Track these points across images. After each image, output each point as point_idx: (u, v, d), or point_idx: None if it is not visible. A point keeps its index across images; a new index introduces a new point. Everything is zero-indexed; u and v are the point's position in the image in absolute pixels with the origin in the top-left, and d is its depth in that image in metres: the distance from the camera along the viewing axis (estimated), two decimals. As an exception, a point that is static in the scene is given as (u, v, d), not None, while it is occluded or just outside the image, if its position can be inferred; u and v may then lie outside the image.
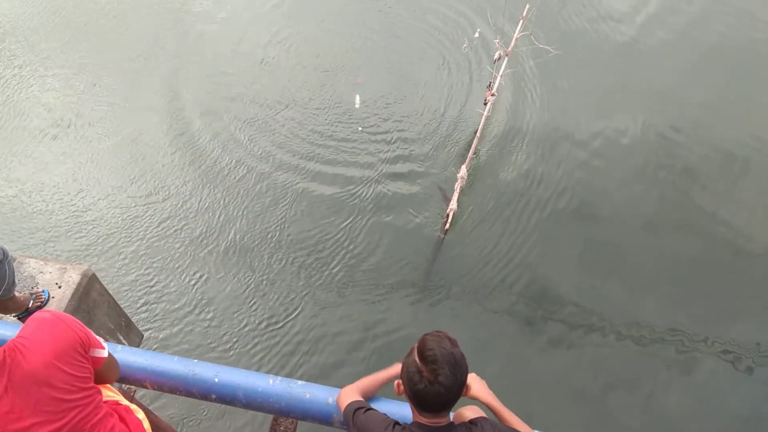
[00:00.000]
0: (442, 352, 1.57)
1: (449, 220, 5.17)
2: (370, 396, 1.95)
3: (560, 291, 4.99)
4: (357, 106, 6.27)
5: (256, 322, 4.75)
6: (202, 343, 4.60)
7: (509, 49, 5.46)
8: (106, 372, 1.86)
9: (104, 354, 1.80)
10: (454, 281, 5.05)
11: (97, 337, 1.82)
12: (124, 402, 1.94)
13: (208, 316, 4.78)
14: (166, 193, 5.58)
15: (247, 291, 4.93)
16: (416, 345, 1.65)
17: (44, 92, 6.45)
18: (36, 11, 7.27)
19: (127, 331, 3.56)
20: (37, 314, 1.68)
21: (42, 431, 1.54)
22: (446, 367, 1.56)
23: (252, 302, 4.86)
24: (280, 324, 4.74)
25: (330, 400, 2.00)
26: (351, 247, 5.21)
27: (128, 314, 3.68)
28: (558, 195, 5.57)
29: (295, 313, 4.81)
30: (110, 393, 1.96)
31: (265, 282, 4.97)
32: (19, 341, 1.56)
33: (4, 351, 1.52)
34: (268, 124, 6.13)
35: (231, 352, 4.57)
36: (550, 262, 5.16)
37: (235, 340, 4.66)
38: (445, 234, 5.20)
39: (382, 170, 5.73)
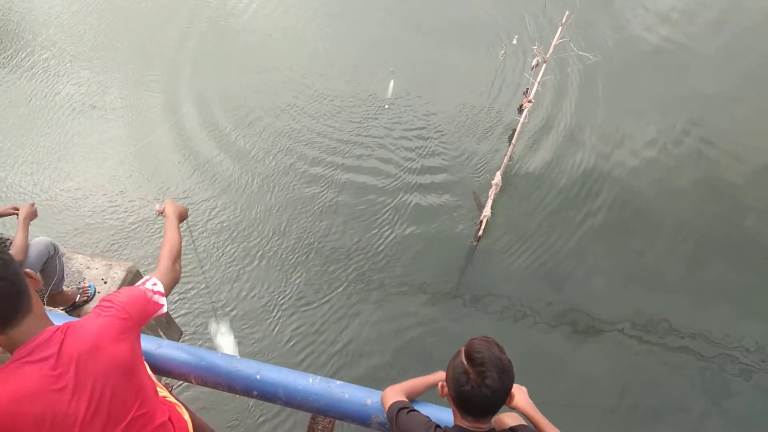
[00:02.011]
0: (490, 356, 1.58)
1: (482, 227, 5.14)
2: (413, 398, 1.96)
3: (595, 302, 4.91)
4: (389, 94, 6.32)
5: (292, 319, 4.81)
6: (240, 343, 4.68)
7: (547, 55, 5.42)
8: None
9: (163, 311, 1.80)
10: (486, 288, 5.02)
11: (155, 296, 1.78)
12: (171, 399, 1.97)
13: (244, 313, 4.86)
14: (205, 194, 5.72)
15: (282, 289, 4.98)
16: (463, 347, 1.65)
17: (79, 87, 6.72)
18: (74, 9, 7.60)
19: (167, 328, 3.66)
20: (104, 298, 1.70)
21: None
22: (494, 370, 1.56)
23: (285, 301, 4.92)
24: (314, 317, 4.79)
25: (369, 401, 2.01)
26: (381, 249, 5.23)
27: (171, 314, 3.77)
28: (595, 204, 5.49)
29: (327, 311, 4.86)
30: (159, 389, 2.00)
31: (298, 282, 5.03)
32: (77, 321, 1.59)
33: (66, 328, 1.54)
34: (303, 120, 6.25)
35: (266, 353, 4.64)
36: (585, 272, 5.08)
37: (271, 335, 4.72)
38: (478, 241, 5.17)
39: (414, 174, 5.76)
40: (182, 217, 2.21)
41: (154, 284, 1.82)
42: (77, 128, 6.36)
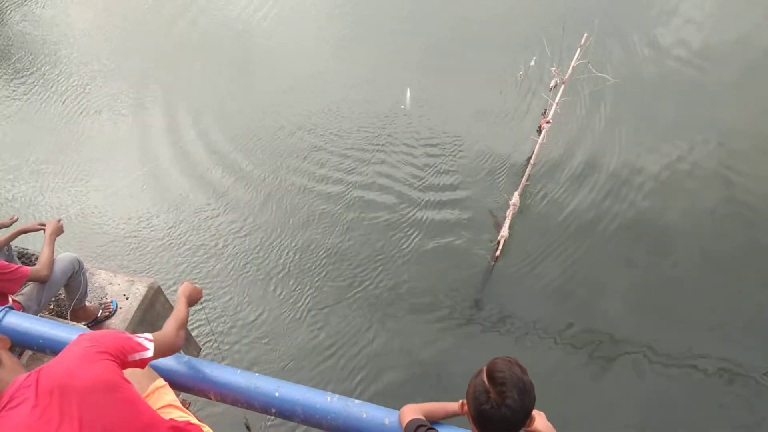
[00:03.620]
0: (512, 376, 1.57)
1: (500, 247, 5.13)
2: (432, 420, 1.95)
3: (613, 323, 4.84)
4: (407, 102, 6.45)
5: (308, 335, 4.85)
6: (258, 359, 4.71)
7: (566, 76, 5.44)
8: (161, 356, 1.93)
9: (148, 354, 1.83)
10: (503, 309, 4.98)
11: (138, 338, 1.85)
12: (195, 421, 1.99)
13: (262, 331, 4.89)
14: (223, 210, 5.80)
15: (299, 308, 5.03)
16: (485, 366, 1.65)
17: (109, 116, 6.88)
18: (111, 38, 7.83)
19: (186, 344, 3.69)
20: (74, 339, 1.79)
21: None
22: (515, 391, 1.55)
23: (302, 316, 4.96)
24: (331, 341, 4.81)
25: (386, 421, 2.00)
26: (398, 270, 5.24)
27: (188, 328, 3.80)
28: (612, 226, 5.44)
29: (344, 331, 4.88)
30: (182, 413, 2.02)
31: (315, 305, 5.06)
32: (48, 363, 1.66)
33: (38, 371, 1.62)
34: (317, 131, 6.39)
35: (284, 367, 4.66)
36: (603, 293, 5.02)
37: (287, 354, 4.74)
38: (496, 261, 5.15)
39: (430, 195, 5.78)
40: (193, 299, 2.27)
41: (146, 335, 1.89)
42: (97, 142, 6.54)
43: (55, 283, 3.19)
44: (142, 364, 1.83)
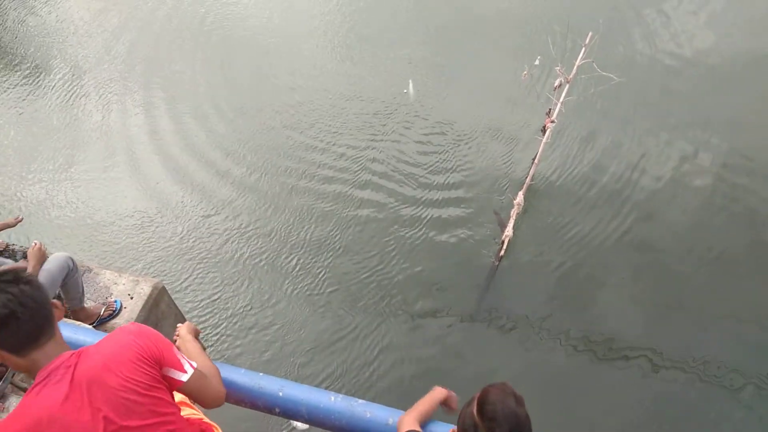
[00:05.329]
0: (503, 409, 1.45)
1: (504, 247, 5.12)
2: (427, 420, 1.96)
3: (619, 325, 4.81)
4: (411, 91, 6.47)
5: (312, 337, 4.86)
6: (263, 358, 4.72)
7: (570, 76, 5.42)
8: (193, 395, 1.83)
9: (182, 378, 1.73)
10: (507, 310, 4.96)
11: (184, 359, 1.77)
12: (208, 420, 1.98)
13: (269, 330, 4.90)
14: (232, 212, 5.82)
15: (303, 312, 5.03)
16: (478, 394, 1.54)
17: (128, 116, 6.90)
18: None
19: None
20: (124, 325, 1.76)
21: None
22: (505, 426, 1.44)
23: (307, 321, 4.96)
24: (334, 342, 4.81)
25: (390, 421, 2.01)
26: (399, 270, 5.23)
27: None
28: (618, 225, 5.41)
29: (345, 333, 4.87)
30: (193, 411, 2.01)
31: (320, 306, 5.07)
32: (91, 346, 1.65)
33: (79, 353, 1.62)
34: (318, 125, 6.42)
35: (285, 368, 4.67)
36: (609, 294, 5.00)
37: (293, 356, 4.75)
38: (500, 261, 5.14)
39: (434, 193, 5.77)
40: (196, 336, 2.17)
41: (192, 362, 1.81)
42: (96, 141, 6.56)
43: (51, 285, 3.14)
44: (171, 383, 1.74)
